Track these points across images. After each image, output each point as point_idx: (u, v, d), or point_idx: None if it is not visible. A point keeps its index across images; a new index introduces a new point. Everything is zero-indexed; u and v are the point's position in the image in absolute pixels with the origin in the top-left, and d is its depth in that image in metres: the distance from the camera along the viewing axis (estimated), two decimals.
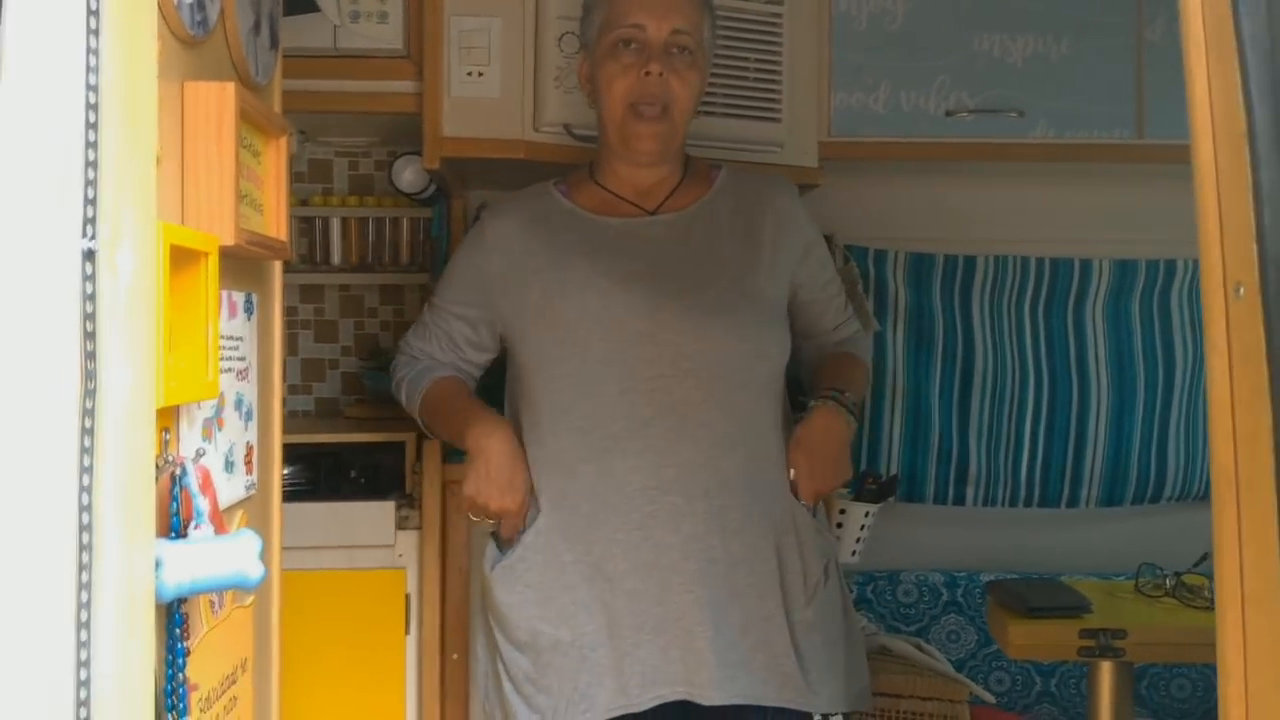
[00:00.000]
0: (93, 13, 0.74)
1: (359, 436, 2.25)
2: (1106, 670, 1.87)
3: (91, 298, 0.74)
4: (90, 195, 0.74)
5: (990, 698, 2.41)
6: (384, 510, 2.13)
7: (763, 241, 1.68)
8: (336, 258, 2.61)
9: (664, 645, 1.56)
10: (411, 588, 2.14)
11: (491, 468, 1.60)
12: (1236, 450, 0.69)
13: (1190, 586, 1.99)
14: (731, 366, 1.60)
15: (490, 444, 1.61)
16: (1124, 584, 2.12)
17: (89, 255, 0.74)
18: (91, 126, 0.74)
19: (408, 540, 2.14)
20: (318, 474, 2.21)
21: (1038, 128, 2.44)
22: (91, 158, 0.74)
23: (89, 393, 0.73)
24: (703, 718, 1.59)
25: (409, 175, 2.33)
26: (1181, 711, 2.67)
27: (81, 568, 0.73)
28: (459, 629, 2.14)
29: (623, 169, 1.69)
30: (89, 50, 0.74)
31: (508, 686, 1.64)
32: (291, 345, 2.68)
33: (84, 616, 0.73)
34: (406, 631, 2.14)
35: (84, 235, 0.74)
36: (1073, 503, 2.77)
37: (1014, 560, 2.73)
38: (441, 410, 1.72)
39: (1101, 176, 2.60)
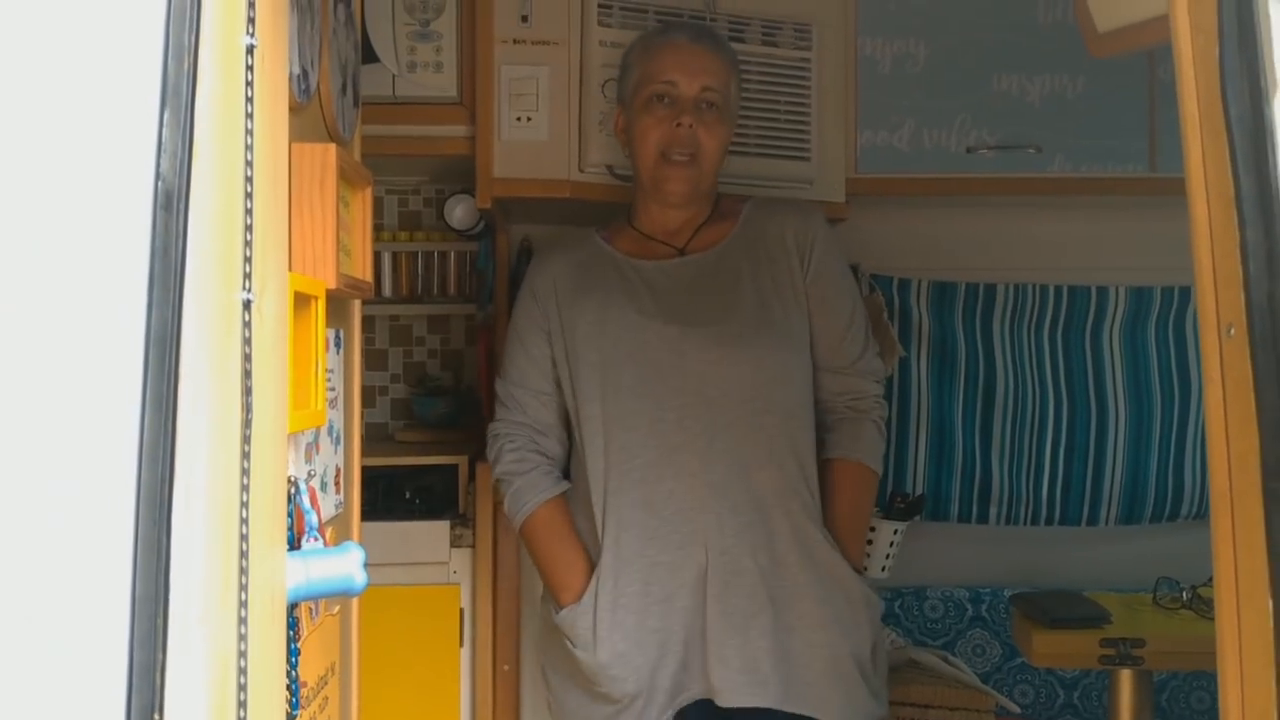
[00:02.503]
0: (249, 99, 0.88)
1: (417, 460, 2.38)
2: (1126, 679, 1.97)
3: (248, 341, 0.87)
4: (248, 254, 0.87)
5: (1015, 708, 2.50)
6: (439, 529, 2.25)
7: (779, 265, 1.79)
8: (387, 289, 2.74)
9: (689, 657, 1.68)
10: (465, 603, 2.26)
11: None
12: (1230, 469, 0.81)
13: (1206, 599, 2.08)
14: (755, 392, 1.72)
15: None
16: (1142, 597, 2.21)
17: (246, 305, 0.87)
18: (249, 196, 0.87)
19: (461, 557, 2.25)
20: (374, 495, 2.33)
21: (1055, 163, 2.55)
22: (249, 222, 0.87)
23: (247, 422, 0.86)
24: (728, 717, 1.70)
25: (460, 213, 2.46)
26: None
27: (241, 572, 0.85)
28: (510, 642, 2.25)
29: (655, 210, 1.83)
30: (247, 131, 0.87)
31: (557, 686, 1.79)
32: None
33: (243, 614, 0.85)
34: (461, 644, 2.25)
35: (243, 288, 0.87)
36: (1093, 521, 2.86)
37: (1036, 576, 2.82)
38: (539, 552, 1.83)
39: (1116, 208, 2.70)
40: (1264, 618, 0.77)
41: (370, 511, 2.32)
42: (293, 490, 1.11)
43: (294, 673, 1.12)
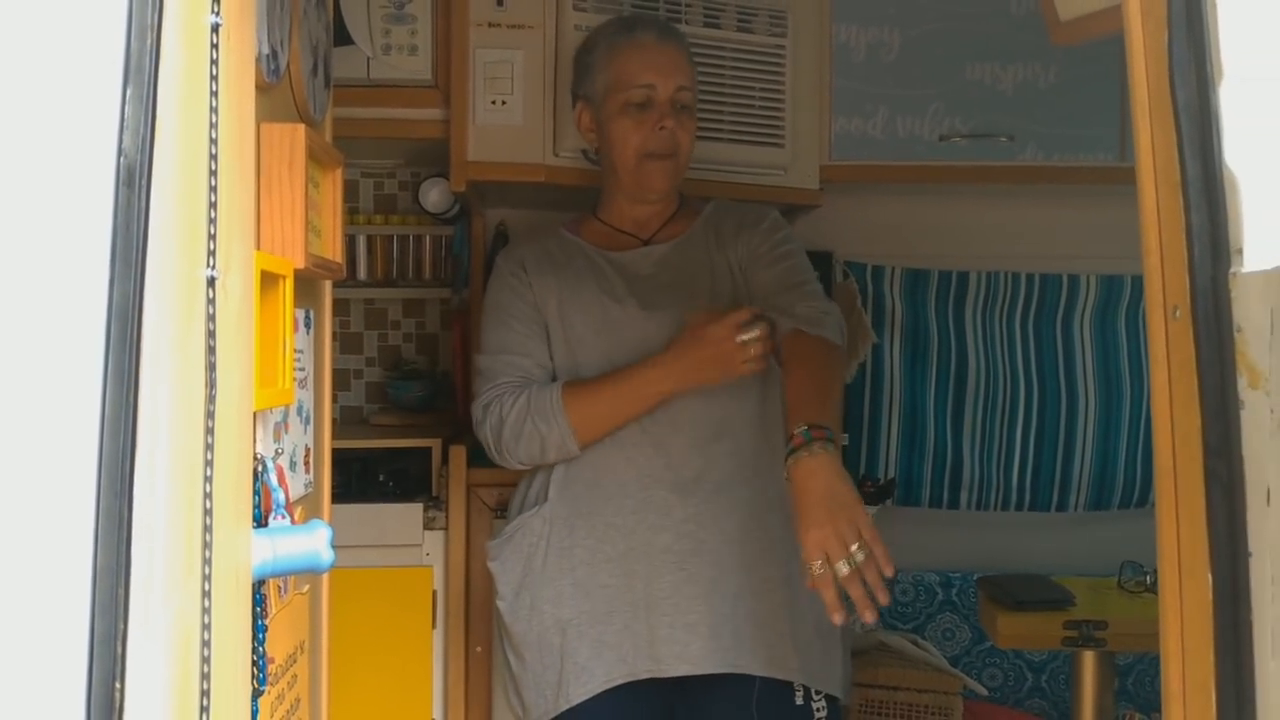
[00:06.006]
0: (214, 78, 0.88)
1: (392, 442, 2.39)
2: (1089, 660, 2.00)
3: (213, 318, 0.87)
4: (212, 231, 0.88)
5: (983, 690, 2.54)
6: (412, 512, 2.27)
7: (729, 255, 1.84)
8: (362, 273, 2.75)
9: (654, 623, 1.70)
10: (438, 584, 2.27)
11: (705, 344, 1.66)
12: (1174, 446, 0.83)
13: None
14: None
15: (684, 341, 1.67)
16: (1108, 581, 2.25)
17: (211, 282, 0.87)
18: (213, 174, 0.88)
19: (434, 540, 2.27)
20: (348, 478, 2.34)
21: (1027, 151, 2.58)
22: (213, 199, 0.88)
23: (211, 398, 0.87)
24: (694, 688, 1.72)
25: (435, 196, 2.47)
26: None
27: (205, 545, 0.86)
28: (483, 623, 2.26)
29: (625, 205, 1.88)
30: (211, 109, 0.88)
31: (512, 659, 1.79)
32: None
33: (207, 587, 0.86)
34: (433, 626, 2.27)
35: (208, 265, 0.87)
36: (1062, 506, 2.90)
37: (1006, 561, 2.85)
38: (602, 388, 1.72)
39: (1087, 197, 2.73)
40: (1204, 592, 0.79)
41: (344, 494, 2.33)
42: (260, 468, 1.12)
43: (261, 649, 1.13)
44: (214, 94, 0.88)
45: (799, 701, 1.72)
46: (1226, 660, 0.76)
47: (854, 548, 1.41)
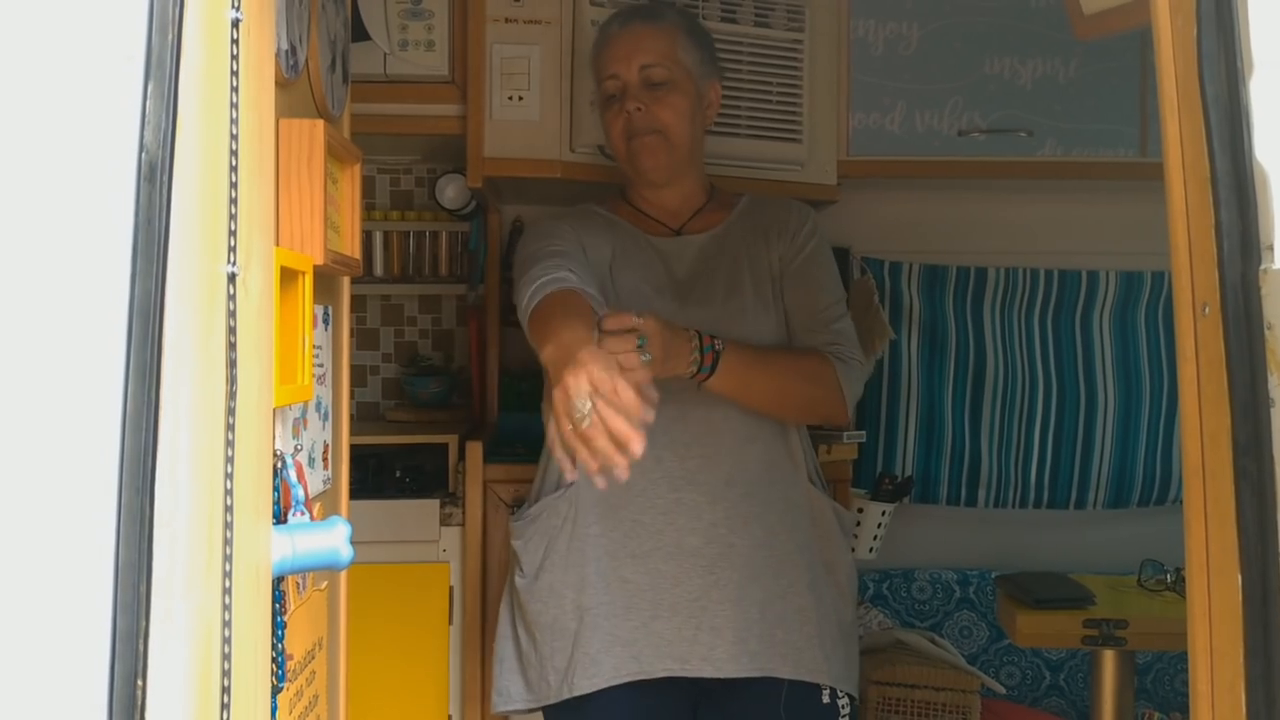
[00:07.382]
0: (234, 73, 0.88)
1: (408, 438, 2.39)
2: (1109, 659, 1.99)
3: (233, 314, 0.87)
4: (232, 227, 0.88)
5: (1001, 689, 2.52)
6: (429, 508, 2.27)
7: (771, 257, 1.82)
8: (378, 269, 2.75)
9: (680, 624, 1.69)
10: (455, 580, 2.27)
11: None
12: (1203, 445, 0.82)
13: None
14: None
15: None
16: (1127, 579, 2.23)
17: (231, 278, 0.87)
18: (234, 169, 0.88)
19: (451, 536, 2.27)
20: (365, 474, 2.34)
21: (1046, 146, 2.56)
22: (233, 195, 0.88)
23: (231, 394, 0.87)
24: (719, 689, 1.72)
25: (451, 192, 2.47)
26: (1184, 705, 2.76)
27: (226, 542, 0.86)
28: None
29: (648, 193, 1.85)
30: (232, 105, 0.88)
31: (522, 637, 1.77)
32: None
33: (227, 584, 0.86)
34: (450, 621, 2.27)
35: (228, 261, 0.87)
36: (1080, 504, 2.88)
37: (1024, 559, 2.84)
38: (550, 326, 1.51)
39: (1107, 192, 2.71)
40: (1233, 591, 0.78)
41: (361, 490, 2.33)
42: (279, 464, 1.12)
43: (280, 645, 1.13)
44: (234, 89, 0.88)
45: (826, 700, 1.72)
46: (1256, 661, 0.76)
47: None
